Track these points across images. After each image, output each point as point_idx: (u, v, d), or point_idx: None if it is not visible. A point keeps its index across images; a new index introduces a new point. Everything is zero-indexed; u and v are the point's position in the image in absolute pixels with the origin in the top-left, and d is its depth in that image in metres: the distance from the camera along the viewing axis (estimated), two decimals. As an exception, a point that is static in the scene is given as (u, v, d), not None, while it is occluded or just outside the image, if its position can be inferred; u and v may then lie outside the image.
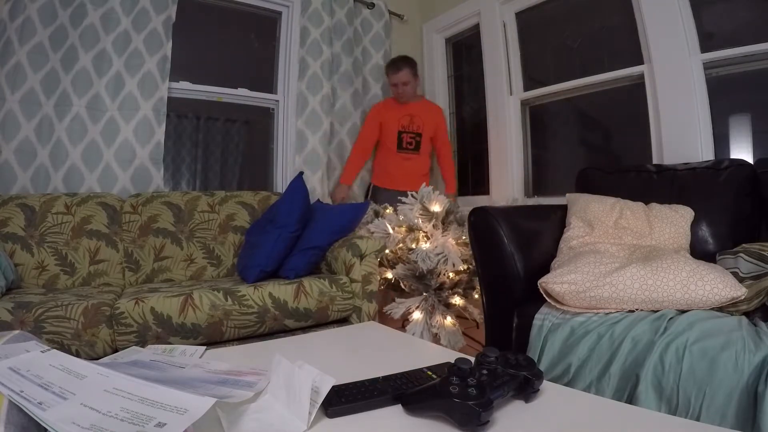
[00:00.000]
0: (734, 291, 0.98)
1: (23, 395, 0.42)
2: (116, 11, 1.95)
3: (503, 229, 1.31)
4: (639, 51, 1.84)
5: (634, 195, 1.43)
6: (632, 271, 1.04)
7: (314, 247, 1.74)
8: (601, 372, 0.97)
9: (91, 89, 1.91)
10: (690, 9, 1.68)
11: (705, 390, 0.81)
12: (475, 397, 0.49)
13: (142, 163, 2.00)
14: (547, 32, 2.27)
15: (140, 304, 1.32)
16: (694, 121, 1.66)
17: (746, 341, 0.81)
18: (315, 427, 0.51)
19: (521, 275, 1.29)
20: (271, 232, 1.70)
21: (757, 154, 1.62)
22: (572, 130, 2.11)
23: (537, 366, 0.59)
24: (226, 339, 1.43)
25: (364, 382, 0.60)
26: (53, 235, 1.71)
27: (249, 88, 2.39)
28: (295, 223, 1.70)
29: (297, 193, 1.75)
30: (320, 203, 2.09)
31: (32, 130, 1.81)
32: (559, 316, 1.11)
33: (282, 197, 1.83)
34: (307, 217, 1.77)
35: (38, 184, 1.83)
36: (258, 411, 0.54)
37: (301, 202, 1.74)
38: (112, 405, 0.44)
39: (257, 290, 1.47)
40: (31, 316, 1.21)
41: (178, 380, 0.57)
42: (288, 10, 2.50)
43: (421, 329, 1.80)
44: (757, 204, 1.33)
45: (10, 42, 1.77)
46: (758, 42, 1.53)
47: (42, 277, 1.66)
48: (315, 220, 1.80)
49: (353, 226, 1.87)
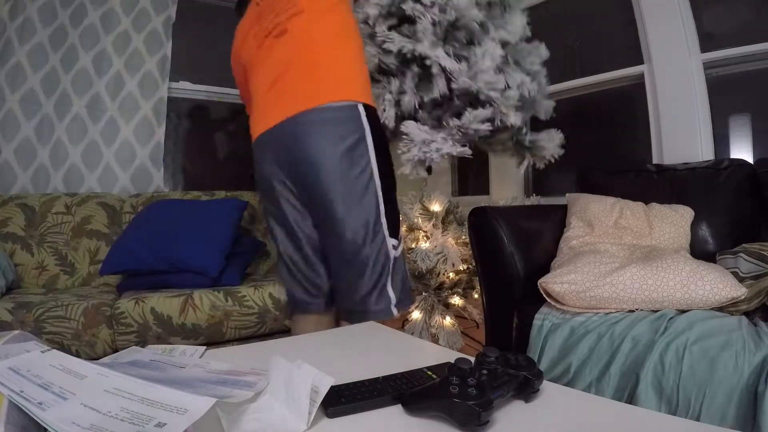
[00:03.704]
0: (734, 291, 0.98)
1: (23, 395, 0.42)
2: (116, 11, 1.95)
3: (503, 229, 1.31)
4: (639, 51, 1.84)
5: (634, 195, 1.43)
6: (632, 271, 1.04)
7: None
8: (601, 372, 0.97)
9: (91, 89, 1.91)
10: (690, 9, 1.68)
11: (705, 390, 0.81)
12: (475, 397, 0.49)
13: (142, 163, 2.00)
14: (547, 32, 2.27)
15: (140, 304, 1.32)
16: (694, 121, 1.66)
17: (746, 341, 0.81)
18: (315, 427, 0.51)
19: (521, 275, 1.29)
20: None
21: (757, 154, 1.62)
22: (572, 130, 2.11)
23: (537, 366, 0.59)
24: (227, 339, 1.43)
25: (364, 382, 0.60)
26: (53, 235, 1.71)
27: (249, 88, 2.39)
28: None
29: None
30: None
31: (32, 130, 1.81)
32: (559, 316, 1.11)
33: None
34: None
35: (38, 184, 1.83)
36: (258, 411, 0.54)
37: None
38: (112, 405, 0.44)
39: (258, 291, 1.47)
40: (31, 316, 1.21)
41: (178, 380, 0.57)
42: (288, 10, 2.50)
43: (419, 329, 1.80)
44: (757, 204, 1.33)
45: (10, 42, 1.77)
46: (758, 42, 1.53)
47: (42, 277, 1.66)
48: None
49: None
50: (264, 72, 1.14)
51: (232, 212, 1.73)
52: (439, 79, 1.37)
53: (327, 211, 1.05)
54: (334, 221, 1.04)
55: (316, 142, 1.04)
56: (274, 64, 1.12)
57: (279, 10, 1.14)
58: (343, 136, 1.05)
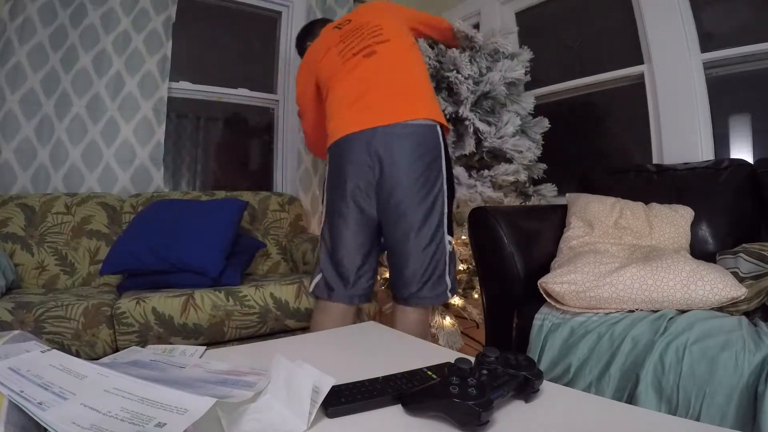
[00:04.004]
0: (734, 291, 0.98)
1: (23, 395, 0.42)
2: (116, 11, 1.95)
3: (503, 229, 1.31)
4: (639, 51, 1.84)
5: (634, 195, 1.43)
6: (632, 271, 1.04)
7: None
8: (601, 372, 0.97)
9: (91, 89, 1.91)
10: (690, 9, 1.68)
11: (705, 390, 0.81)
12: (475, 397, 0.49)
13: (142, 163, 2.00)
14: (547, 32, 2.27)
15: (141, 304, 1.32)
16: (694, 121, 1.66)
17: (746, 341, 0.81)
18: (315, 427, 0.51)
19: (521, 275, 1.29)
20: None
21: (757, 154, 1.62)
22: (572, 130, 2.11)
23: (537, 366, 0.59)
24: (228, 339, 1.43)
25: (364, 382, 0.60)
26: (53, 235, 1.72)
27: (249, 88, 2.39)
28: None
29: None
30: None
31: (32, 130, 1.81)
32: (559, 316, 1.11)
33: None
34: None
35: (38, 184, 1.83)
36: (258, 411, 0.54)
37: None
38: (112, 405, 0.44)
39: (258, 290, 1.47)
40: (31, 316, 1.21)
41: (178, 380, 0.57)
42: (288, 10, 2.50)
43: (421, 329, 1.80)
44: (757, 204, 1.33)
45: (10, 42, 1.77)
46: (758, 42, 1.53)
47: (42, 277, 1.66)
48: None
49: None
50: (350, 84, 1.29)
51: (232, 212, 1.73)
52: (470, 138, 1.69)
53: (403, 214, 1.21)
54: (408, 223, 1.21)
55: (404, 151, 1.20)
56: (362, 78, 1.27)
57: (364, 35, 1.33)
58: (429, 149, 1.24)
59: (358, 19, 1.39)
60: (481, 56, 1.73)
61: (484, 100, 1.73)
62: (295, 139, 2.41)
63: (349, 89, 1.29)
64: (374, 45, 1.30)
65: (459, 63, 1.66)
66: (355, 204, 1.24)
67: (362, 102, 1.26)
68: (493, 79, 1.69)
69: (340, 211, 1.25)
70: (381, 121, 1.21)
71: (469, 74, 1.67)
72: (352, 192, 1.23)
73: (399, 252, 1.25)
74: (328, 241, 1.29)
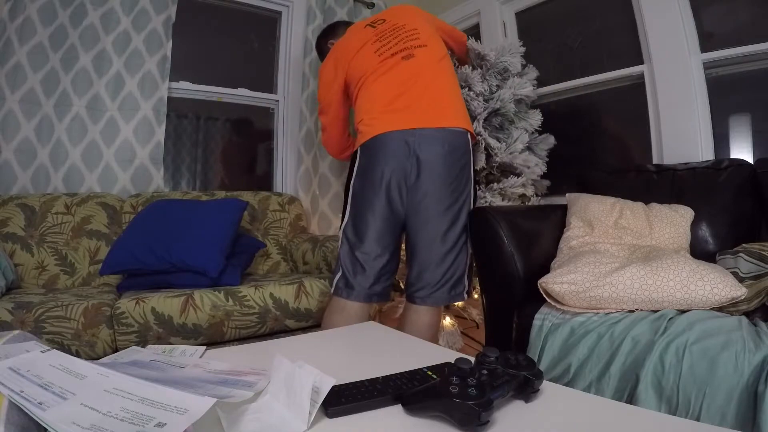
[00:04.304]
0: (734, 291, 0.98)
1: (23, 395, 0.42)
2: (116, 11, 1.95)
3: (503, 229, 1.31)
4: (639, 51, 1.84)
5: (634, 195, 1.43)
6: (632, 271, 1.04)
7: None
8: (601, 372, 0.97)
9: (91, 89, 1.91)
10: (690, 9, 1.68)
11: (705, 390, 0.81)
12: (475, 397, 0.49)
13: (142, 163, 2.00)
14: (547, 32, 2.27)
15: (141, 304, 1.32)
16: (694, 121, 1.66)
17: (746, 341, 0.81)
18: (315, 427, 0.51)
19: (521, 275, 1.29)
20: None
21: (757, 154, 1.62)
22: (572, 130, 2.11)
23: (537, 366, 0.59)
24: (227, 339, 1.43)
25: (364, 382, 0.60)
26: (53, 235, 1.72)
27: (249, 88, 2.39)
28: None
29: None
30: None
31: (32, 130, 1.81)
32: (559, 316, 1.11)
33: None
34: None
35: (38, 184, 1.83)
36: (258, 411, 0.54)
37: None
38: (112, 405, 0.44)
39: (258, 291, 1.47)
40: (31, 316, 1.21)
41: (178, 380, 0.57)
42: (288, 10, 2.50)
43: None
44: (757, 204, 1.33)
45: (10, 42, 1.77)
46: (758, 42, 1.53)
47: (42, 277, 1.66)
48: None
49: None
50: (387, 84, 1.32)
51: (232, 212, 1.73)
52: (481, 154, 1.75)
53: (433, 217, 1.25)
54: (436, 226, 1.25)
55: (440, 156, 1.24)
56: (400, 80, 1.30)
57: (402, 37, 1.35)
58: (461, 155, 1.29)
59: (393, 19, 1.41)
60: (491, 74, 1.79)
61: (494, 116, 1.80)
62: (295, 139, 2.41)
63: (386, 89, 1.31)
64: (412, 48, 1.33)
65: (471, 80, 1.73)
66: (387, 200, 1.26)
67: (400, 102, 1.28)
68: (503, 96, 1.75)
69: (372, 206, 1.27)
70: (419, 123, 1.24)
71: (480, 91, 1.73)
72: (387, 187, 1.25)
73: (423, 253, 1.27)
74: (352, 237, 1.30)
